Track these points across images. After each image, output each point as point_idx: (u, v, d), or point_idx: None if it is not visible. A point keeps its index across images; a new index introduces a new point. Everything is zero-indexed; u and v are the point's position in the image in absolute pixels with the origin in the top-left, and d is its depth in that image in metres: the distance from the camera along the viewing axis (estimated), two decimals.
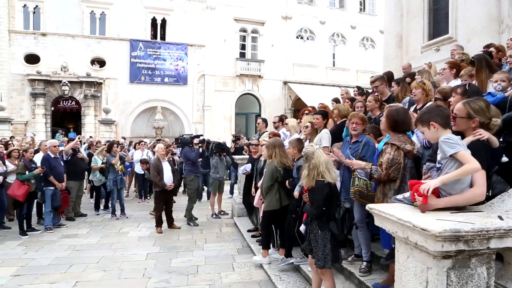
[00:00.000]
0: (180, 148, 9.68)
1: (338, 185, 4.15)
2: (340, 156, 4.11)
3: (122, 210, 8.92)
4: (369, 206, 2.31)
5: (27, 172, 7.21)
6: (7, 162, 7.85)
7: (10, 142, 10.53)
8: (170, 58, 23.43)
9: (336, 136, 5.25)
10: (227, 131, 23.66)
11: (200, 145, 9.17)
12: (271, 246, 5.57)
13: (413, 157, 3.44)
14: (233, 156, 10.13)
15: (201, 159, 10.64)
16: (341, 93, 8.12)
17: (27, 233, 7.21)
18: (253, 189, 6.59)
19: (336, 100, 7.69)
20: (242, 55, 25.05)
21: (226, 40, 24.24)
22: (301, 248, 4.33)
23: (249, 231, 7.31)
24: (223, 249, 6.46)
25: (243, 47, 25.11)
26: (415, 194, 2.14)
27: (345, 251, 4.72)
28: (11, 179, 7.48)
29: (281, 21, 25.35)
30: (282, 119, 7.94)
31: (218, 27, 23.99)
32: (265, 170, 5.44)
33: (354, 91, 7.95)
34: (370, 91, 6.76)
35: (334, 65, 26.96)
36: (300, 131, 6.23)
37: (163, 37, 23.84)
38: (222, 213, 9.29)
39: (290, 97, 25.49)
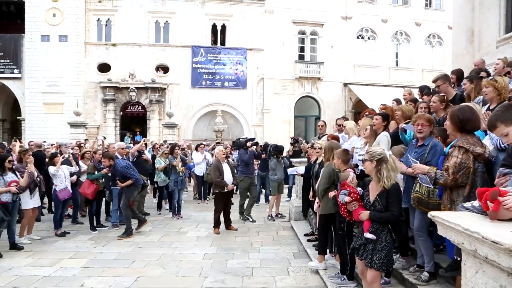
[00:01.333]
0: (237, 151, 10.00)
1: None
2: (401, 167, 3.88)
3: (179, 211, 9.22)
4: (431, 214, 2.11)
5: (96, 172, 7.72)
6: (80, 162, 8.50)
7: (83, 145, 11.40)
8: (230, 62, 23.96)
9: (397, 139, 4.97)
10: (286, 134, 23.61)
11: (252, 147, 9.42)
12: (328, 251, 5.41)
13: (484, 161, 3.12)
14: (291, 159, 10.14)
15: (259, 161, 10.77)
16: (403, 93, 7.70)
17: (96, 228, 7.73)
18: (310, 193, 6.46)
19: (397, 101, 7.29)
20: (301, 57, 24.88)
21: (285, 43, 24.23)
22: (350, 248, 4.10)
23: (305, 235, 7.18)
24: (279, 252, 6.40)
25: (302, 49, 24.94)
26: (488, 201, 1.92)
27: (406, 261, 4.44)
28: (84, 178, 8.06)
29: (340, 22, 24.81)
30: (346, 119, 7.72)
31: (277, 31, 24.07)
32: (321, 172, 5.29)
33: (418, 92, 7.49)
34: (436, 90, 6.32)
35: (397, 65, 25.82)
36: (359, 134, 6.00)
37: (223, 43, 24.43)
38: (279, 215, 9.31)
39: (351, 99, 24.82)
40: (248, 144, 9.24)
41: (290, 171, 7.94)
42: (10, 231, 6.41)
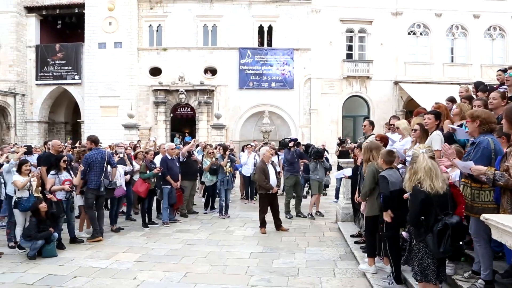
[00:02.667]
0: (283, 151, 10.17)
1: None
2: (451, 153, 3.67)
3: (226, 210, 9.38)
4: (484, 216, 2.01)
5: (148, 172, 8.08)
6: (134, 162, 8.93)
7: (137, 145, 11.97)
8: (276, 63, 24.01)
9: (451, 139, 4.73)
10: (334, 134, 23.23)
11: (295, 147, 9.48)
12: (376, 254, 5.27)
13: None
14: (338, 159, 10.08)
15: (304, 161, 10.78)
16: (460, 90, 7.27)
17: (148, 225, 8.08)
18: (356, 195, 6.33)
19: (452, 100, 6.90)
20: (349, 56, 24.38)
21: (332, 42, 23.88)
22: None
23: (352, 236, 7.03)
24: (325, 254, 6.32)
25: (349, 48, 24.43)
26: None
27: (460, 266, 4.21)
28: (137, 177, 8.45)
29: (390, 18, 23.99)
30: (398, 119, 7.44)
31: (324, 30, 23.77)
32: (365, 173, 5.16)
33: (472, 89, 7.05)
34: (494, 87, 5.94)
35: (452, 61, 24.49)
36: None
37: (269, 44, 24.55)
38: (318, 213, 9.48)
39: (402, 98, 23.89)
40: (290, 144, 9.44)
41: (337, 174, 7.85)
42: (70, 226, 6.89)
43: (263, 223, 7.82)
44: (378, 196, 4.87)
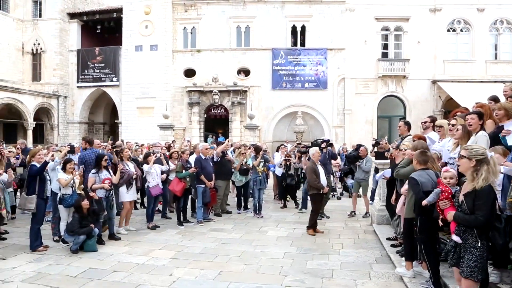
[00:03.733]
0: None
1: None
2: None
3: (259, 210, 9.40)
4: None
5: (183, 171, 8.24)
6: (169, 162, 9.13)
7: (172, 145, 12.23)
8: (310, 63, 23.84)
9: (496, 140, 4.52)
10: (368, 135, 22.77)
11: (327, 148, 9.42)
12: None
13: None
14: (374, 160, 9.88)
15: (337, 163, 10.72)
16: (504, 89, 6.91)
17: (183, 224, 8.24)
18: (393, 196, 6.17)
19: (494, 99, 6.57)
20: (384, 55, 23.84)
21: (367, 41, 23.44)
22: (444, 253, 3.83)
23: (388, 239, 6.86)
24: (360, 256, 6.21)
25: (385, 46, 23.89)
26: None
27: (507, 274, 4.02)
28: (172, 176, 8.65)
29: (428, 15, 23.23)
30: (434, 120, 7.18)
31: (358, 29, 23.37)
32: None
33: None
34: None
35: (496, 58, 23.41)
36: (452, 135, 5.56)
37: (302, 44, 24.41)
38: (353, 214, 9.48)
39: (440, 97, 23.09)
40: (323, 145, 9.29)
41: (377, 176, 7.67)
42: (110, 223, 7.15)
43: (314, 224, 7.72)
44: None
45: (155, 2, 24.99)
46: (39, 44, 27.08)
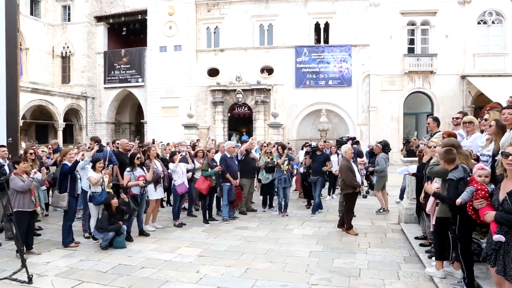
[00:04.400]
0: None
1: None
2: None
3: (285, 208, 9.38)
4: None
5: (209, 169, 8.32)
6: (194, 160, 9.23)
7: (196, 144, 12.36)
8: (333, 60, 23.58)
9: None
10: (394, 133, 22.38)
11: (353, 145, 9.39)
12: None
13: None
14: (402, 158, 9.72)
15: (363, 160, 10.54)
16: None
17: (209, 221, 8.32)
18: (422, 195, 6.01)
19: None
20: (411, 50, 23.32)
21: (392, 36, 23.01)
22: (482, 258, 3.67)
23: (416, 238, 6.70)
24: (388, 255, 6.09)
25: (411, 41, 23.37)
26: None
27: None
28: (198, 175, 8.74)
29: (457, 7, 22.55)
30: (466, 115, 6.95)
31: (383, 24, 22.96)
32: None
33: None
34: None
35: None
36: (482, 131, 5.38)
37: (326, 41, 24.19)
38: (381, 210, 9.42)
39: (470, 93, 22.37)
40: (348, 143, 9.26)
41: (400, 170, 7.52)
42: (139, 219, 7.32)
43: (351, 225, 7.60)
44: None
45: (178, 3, 25.32)
46: (68, 47, 27.94)
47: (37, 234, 7.20)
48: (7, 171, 6.42)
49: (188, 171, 8.42)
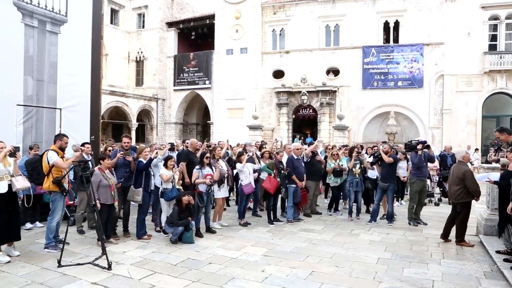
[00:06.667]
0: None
1: None
2: None
3: (358, 213, 9.15)
4: None
5: (273, 170, 8.35)
6: (261, 161, 9.32)
7: (264, 146, 12.48)
8: (404, 60, 22.52)
9: None
10: (471, 137, 20.82)
11: (423, 150, 8.74)
12: None
13: None
14: (483, 165, 9.00)
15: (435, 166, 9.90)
16: None
17: (273, 222, 8.34)
18: (510, 205, 5.50)
19: None
20: (492, 47, 21.50)
21: (471, 33, 21.33)
22: None
23: (498, 252, 6.14)
24: (465, 269, 5.64)
25: (493, 38, 21.51)
26: None
27: None
28: (264, 175, 8.80)
29: None
30: None
31: (460, 20, 21.45)
32: None
33: None
34: None
35: None
36: None
37: (396, 40, 23.19)
38: None
39: None
40: (418, 147, 8.67)
41: (480, 177, 6.94)
42: (207, 217, 7.56)
43: (463, 237, 7.07)
44: None
45: (245, 7, 25.82)
46: (142, 52, 29.80)
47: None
48: (91, 166, 7.00)
49: (254, 171, 8.52)
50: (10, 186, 5.49)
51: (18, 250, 5.88)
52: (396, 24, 23.01)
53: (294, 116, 24.93)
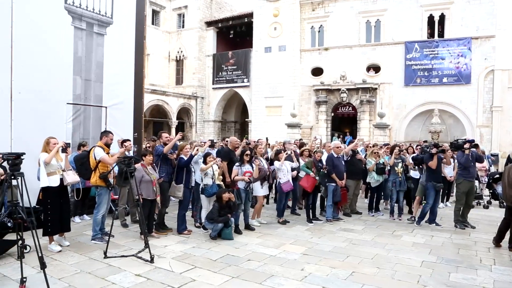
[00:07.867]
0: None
1: None
2: None
3: (400, 213, 8.90)
4: None
5: (312, 169, 8.26)
6: (300, 159, 9.25)
7: (305, 144, 12.39)
8: (449, 56, 21.53)
9: None
10: None
11: (471, 149, 8.30)
12: None
13: None
14: None
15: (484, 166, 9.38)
16: None
17: (312, 221, 8.26)
18: None
19: None
20: None
21: None
22: None
23: None
24: None
25: None
26: None
27: None
28: (302, 173, 8.72)
29: None
30: None
31: None
32: None
33: None
34: None
35: None
36: None
37: (441, 34, 22.22)
38: None
39: None
40: (466, 146, 8.24)
41: None
42: (246, 214, 7.60)
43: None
44: None
45: (283, 4, 25.70)
46: (181, 51, 30.45)
47: (155, 220, 7.93)
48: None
49: (293, 169, 8.47)
50: (61, 180, 5.79)
51: (68, 240, 6.20)
52: (442, 17, 22.02)
53: (333, 114, 24.54)
